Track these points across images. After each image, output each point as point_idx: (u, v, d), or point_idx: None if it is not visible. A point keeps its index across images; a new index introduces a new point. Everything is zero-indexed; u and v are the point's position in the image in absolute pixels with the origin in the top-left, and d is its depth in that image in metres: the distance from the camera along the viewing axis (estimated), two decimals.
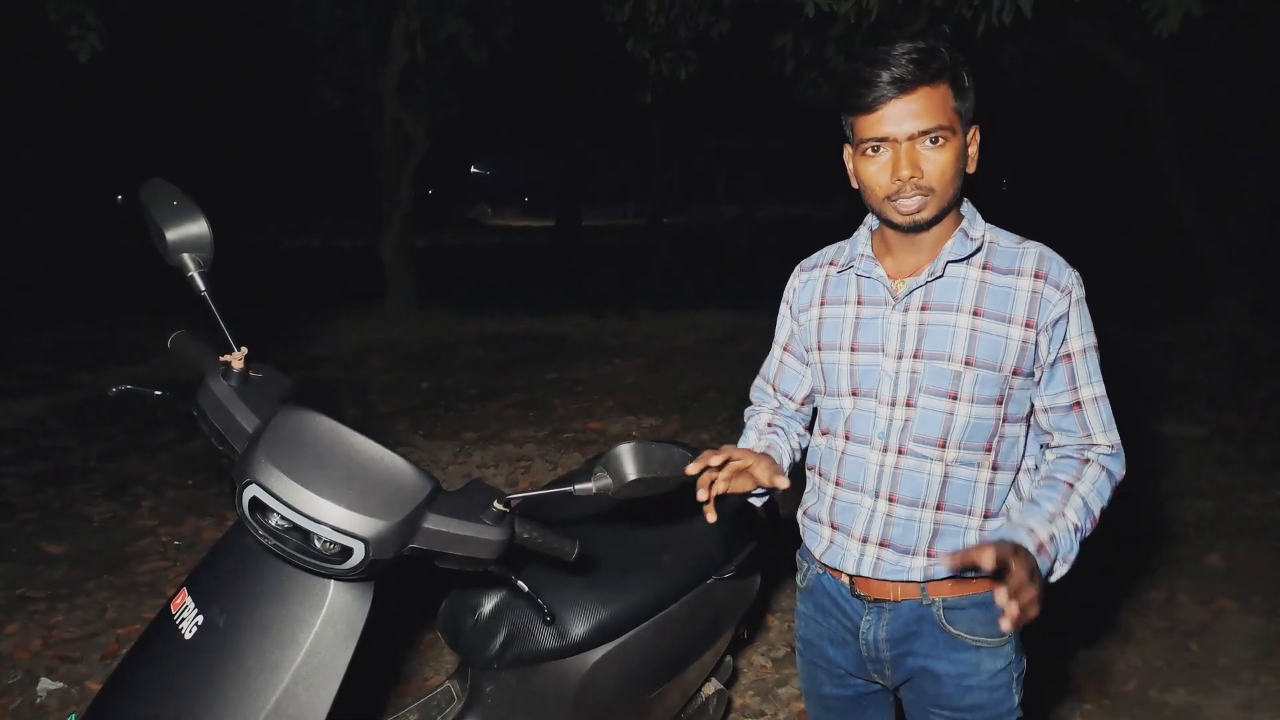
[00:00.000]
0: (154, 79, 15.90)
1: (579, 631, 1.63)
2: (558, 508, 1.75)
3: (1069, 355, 1.32)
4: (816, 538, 1.47)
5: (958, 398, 1.32)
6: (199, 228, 1.29)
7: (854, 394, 1.40)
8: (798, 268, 1.54)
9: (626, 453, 1.16)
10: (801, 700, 1.97)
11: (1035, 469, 1.41)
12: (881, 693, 1.52)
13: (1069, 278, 1.31)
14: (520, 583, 1.34)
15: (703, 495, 1.28)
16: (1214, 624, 3.01)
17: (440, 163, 24.88)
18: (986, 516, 1.36)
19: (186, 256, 1.29)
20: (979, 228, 1.35)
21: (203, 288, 1.30)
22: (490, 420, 5.64)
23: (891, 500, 1.36)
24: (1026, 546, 1.17)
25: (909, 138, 1.24)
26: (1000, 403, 1.32)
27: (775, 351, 1.59)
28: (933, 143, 1.25)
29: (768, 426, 1.57)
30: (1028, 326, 1.30)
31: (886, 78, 1.22)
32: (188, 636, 1.20)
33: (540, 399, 6.17)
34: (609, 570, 1.71)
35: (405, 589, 2.30)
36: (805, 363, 1.53)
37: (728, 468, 1.31)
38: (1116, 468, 1.34)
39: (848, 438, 1.41)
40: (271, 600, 1.19)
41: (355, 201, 20.74)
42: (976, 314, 1.31)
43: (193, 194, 1.32)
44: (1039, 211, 16.05)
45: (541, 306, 10.50)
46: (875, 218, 1.39)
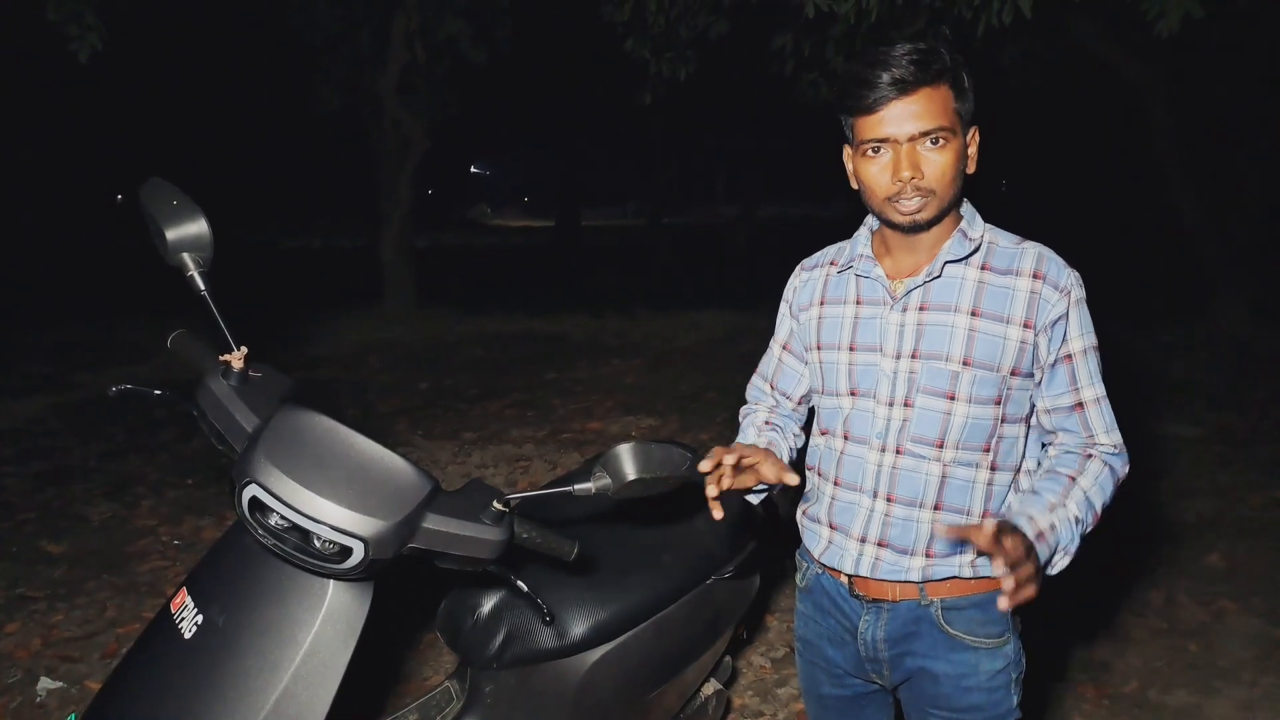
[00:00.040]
0: (154, 79, 15.90)
1: (578, 631, 1.64)
2: (557, 508, 1.75)
3: (1070, 356, 1.32)
4: (815, 538, 1.47)
5: (955, 398, 1.32)
6: (198, 227, 1.30)
7: (852, 394, 1.40)
8: (799, 267, 1.55)
9: (626, 453, 1.16)
10: (801, 700, 1.97)
11: (1035, 470, 1.40)
12: (880, 693, 1.52)
13: (1068, 278, 1.31)
14: (519, 583, 1.34)
15: (713, 490, 1.27)
16: (1213, 624, 3.01)
17: (440, 163, 24.89)
18: (985, 517, 1.36)
19: (186, 256, 1.29)
20: (978, 228, 1.35)
21: (202, 287, 1.30)
22: (489, 420, 5.64)
23: (889, 500, 1.37)
24: (1025, 531, 1.17)
25: (909, 139, 1.24)
26: (998, 403, 1.32)
27: (774, 350, 1.59)
28: (933, 144, 1.25)
29: (765, 424, 1.57)
30: (1026, 327, 1.30)
31: (887, 79, 1.22)
32: (187, 636, 1.20)
33: (540, 399, 6.17)
34: (608, 570, 1.71)
35: (405, 589, 2.30)
36: (804, 362, 1.53)
37: (741, 464, 1.30)
38: (1119, 465, 1.34)
39: (846, 437, 1.41)
40: (271, 600, 1.19)
41: (355, 201, 20.71)
42: (974, 314, 1.31)
43: (193, 194, 1.33)
44: (1039, 212, 16.06)
45: (541, 306, 10.50)
46: (875, 218, 1.39)
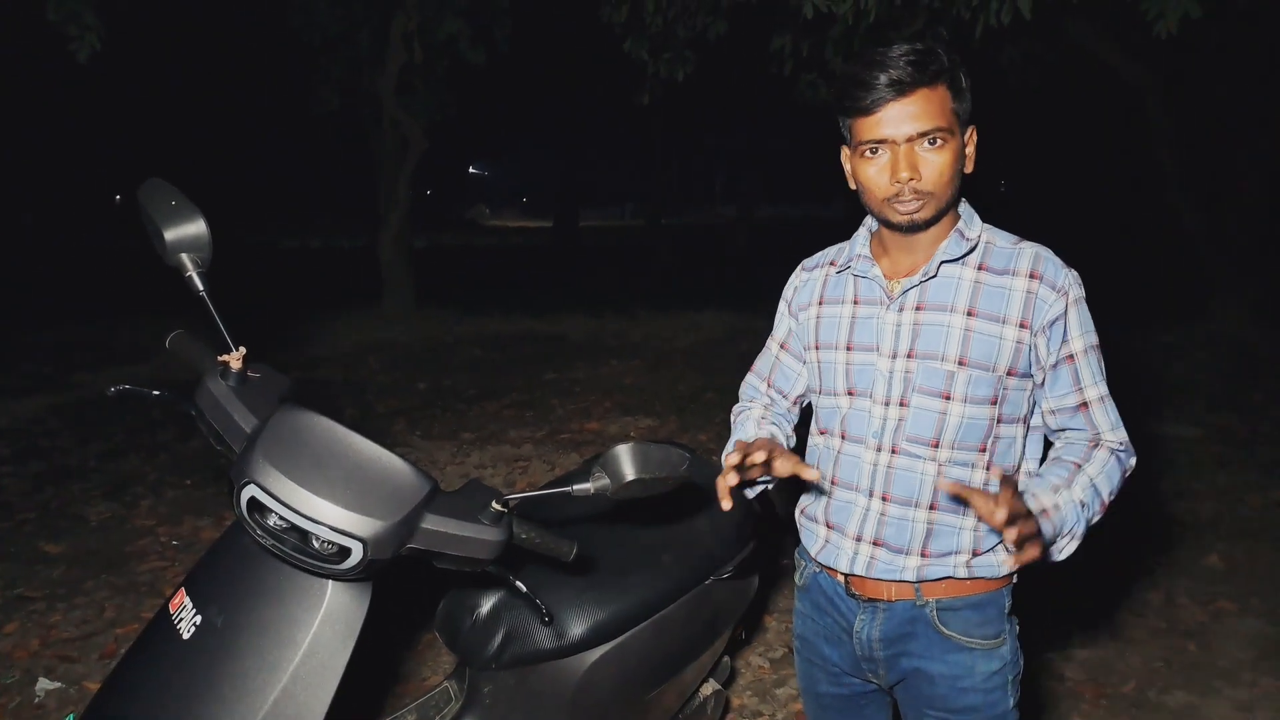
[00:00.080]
0: (154, 79, 15.91)
1: (577, 632, 1.64)
2: (556, 508, 1.76)
3: (1071, 356, 1.31)
4: (813, 536, 1.47)
5: (951, 398, 1.32)
6: (197, 227, 1.30)
7: (850, 393, 1.40)
8: (799, 267, 1.55)
9: (624, 453, 1.16)
10: (799, 700, 1.97)
11: (1037, 470, 1.40)
12: (878, 692, 1.52)
13: (1066, 278, 1.31)
14: (518, 583, 1.33)
15: (734, 480, 1.23)
16: (1212, 625, 3.01)
17: (438, 163, 24.90)
18: (981, 517, 1.35)
19: (185, 256, 1.29)
20: (976, 228, 1.35)
21: (201, 288, 1.30)
22: (488, 420, 5.63)
23: (885, 499, 1.37)
24: (1028, 505, 1.16)
25: (907, 139, 1.24)
26: (994, 403, 1.32)
27: (771, 348, 1.59)
28: (931, 144, 1.25)
29: (762, 420, 1.56)
30: (1022, 327, 1.30)
31: (884, 80, 1.22)
32: (186, 636, 1.20)
33: (538, 399, 6.17)
34: (607, 571, 1.71)
35: (403, 589, 2.30)
36: (802, 361, 1.53)
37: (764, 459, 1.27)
38: (1126, 458, 1.34)
39: (843, 437, 1.41)
40: (270, 600, 1.19)
41: (354, 202, 20.74)
42: (970, 314, 1.31)
43: (192, 194, 1.33)
44: (1038, 212, 16.08)
45: (540, 307, 10.50)
46: (873, 219, 1.39)
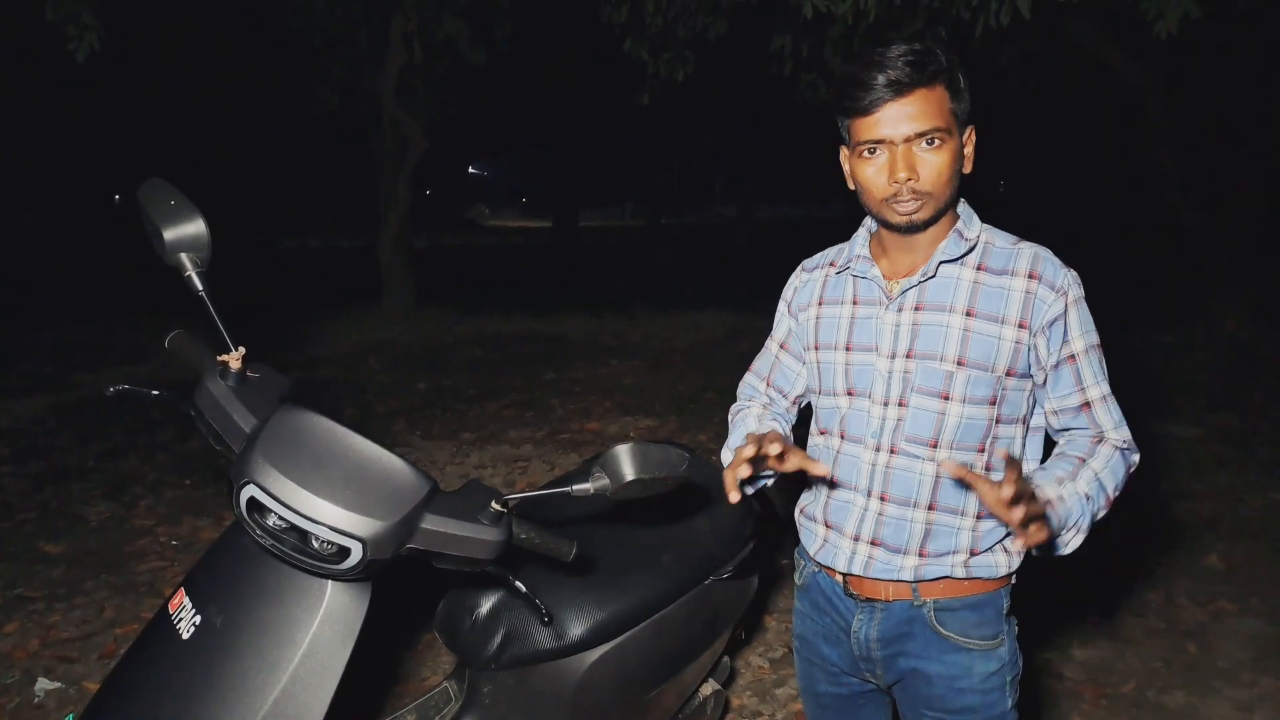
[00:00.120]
0: (154, 79, 15.91)
1: (576, 632, 1.64)
2: (555, 508, 1.75)
3: (1073, 356, 1.31)
4: (811, 536, 1.48)
5: (949, 398, 1.32)
6: (196, 227, 1.29)
7: (849, 393, 1.40)
8: (800, 267, 1.55)
9: (624, 453, 1.16)
10: (799, 700, 1.97)
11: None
12: (877, 692, 1.52)
13: (1065, 278, 1.31)
14: (518, 583, 1.33)
15: (746, 472, 1.22)
16: (1212, 625, 3.01)
17: (438, 163, 24.91)
18: (979, 517, 1.35)
19: (184, 256, 1.29)
20: (975, 228, 1.35)
21: (200, 288, 1.30)
22: (488, 421, 5.63)
23: (883, 499, 1.37)
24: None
25: (905, 140, 1.25)
26: (993, 403, 1.32)
27: (771, 348, 1.58)
28: (929, 144, 1.25)
29: (762, 418, 1.54)
30: (1021, 327, 1.30)
31: (882, 80, 1.22)
32: (185, 636, 1.20)
33: (538, 399, 6.17)
34: (607, 571, 1.71)
35: (403, 589, 2.30)
36: (802, 361, 1.53)
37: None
38: (1130, 454, 1.34)
39: (843, 437, 1.41)
40: (269, 600, 1.19)
41: (354, 202, 20.75)
42: (969, 314, 1.31)
43: (192, 194, 1.33)
44: (1038, 212, 16.08)
45: (540, 307, 10.50)
46: (872, 219, 1.39)
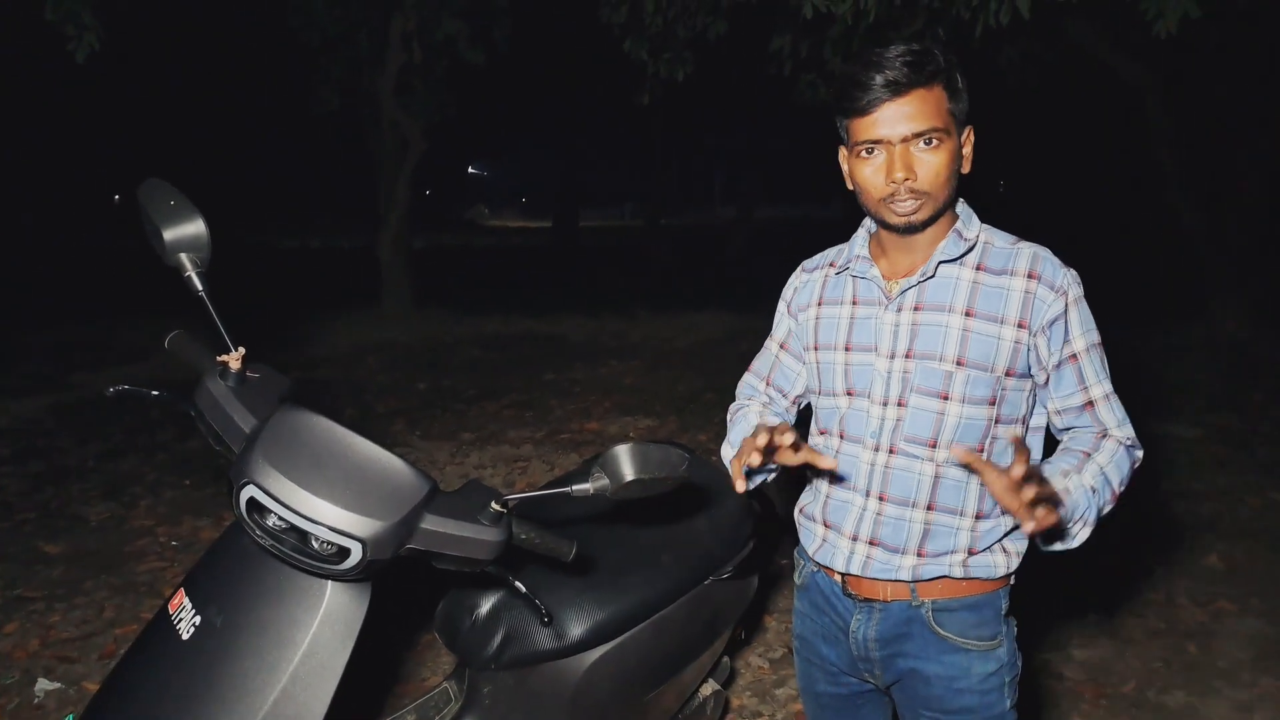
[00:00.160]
0: (154, 79, 15.90)
1: (576, 632, 1.64)
2: (555, 508, 1.75)
3: (1074, 356, 1.31)
4: (810, 535, 1.48)
5: (949, 398, 1.32)
6: (196, 228, 1.30)
7: (849, 394, 1.40)
8: (800, 268, 1.55)
9: (624, 453, 1.16)
10: (799, 701, 1.97)
11: None
12: (876, 692, 1.52)
13: (1064, 278, 1.31)
14: (518, 583, 1.33)
15: (756, 460, 1.23)
16: (1212, 625, 3.02)
17: (438, 163, 24.87)
18: (978, 518, 1.36)
19: (184, 256, 1.29)
20: (974, 228, 1.35)
21: (200, 288, 1.30)
22: (487, 421, 5.63)
23: (882, 499, 1.37)
24: None
25: (903, 140, 1.25)
26: (993, 403, 1.32)
27: (771, 348, 1.58)
28: (926, 144, 1.25)
29: (762, 415, 1.54)
30: (1020, 327, 1.30)
31: (880, 80, 1.23)
32: (185, 637, 1.20)
33: (538, 400, 6.17)
34: (606, 571, 1.71)
35: (403, 589, 2.30)
36: (802, 361, 1.53)
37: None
38: (1134, 450, 1.33)
39: (842, 437, 1.41)
40: (269, 601, 1.19)
41: (354, 202, 20.74)
42: (968, 314, 1.31)
43: (192, 194, 1.33)
44: (1037, 212, 16.07)
45: (539, 307, 10.50)
46: (871, 219, 1.39)
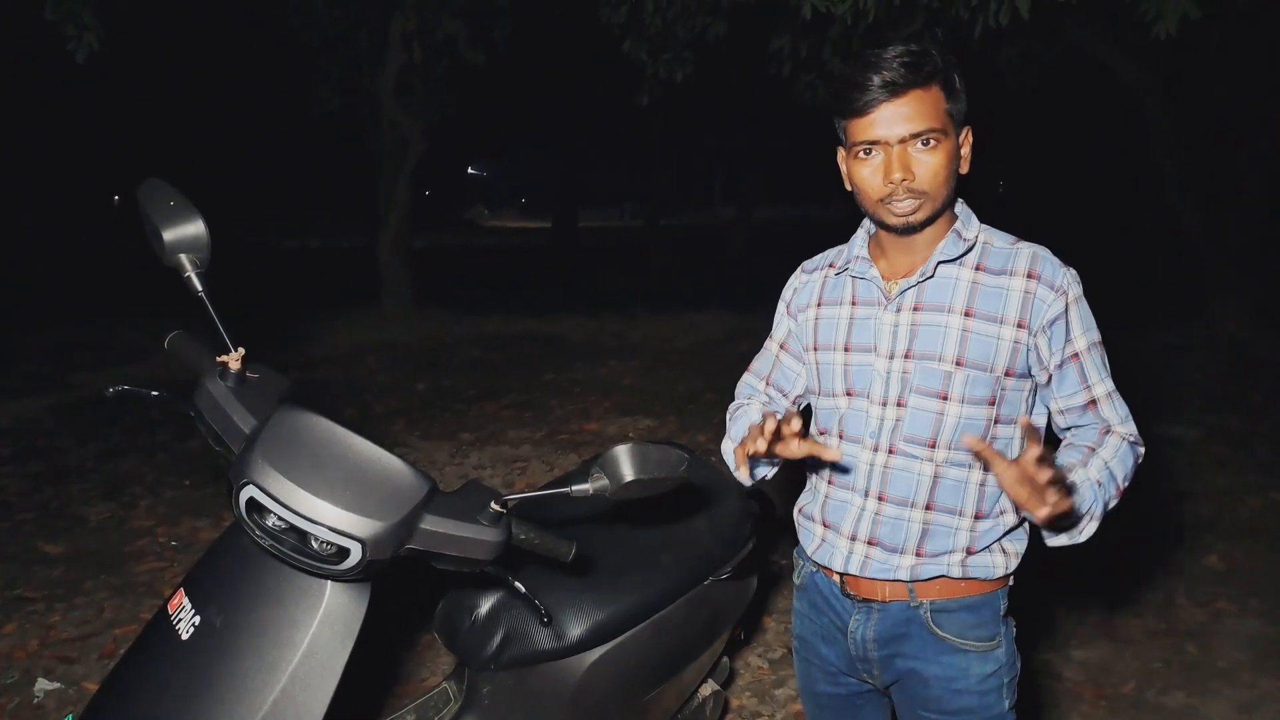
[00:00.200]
0: (154, 79, 15.90)
1: (576, 632, 1.64)
2: (555, 509, 1.75)
3: (1076, 355, 1.31)
4: (809, 535, 1.48)
5: (948, 398, 1.32)
6: (196, 228, 1.29)
7: (848, 394, 1.40)
8: (800, 268, 1.55)
9: (623, 454, 1.15)
10: (798, 701, 1.97)
11: None
12: (875, 692, 1.52)
13: (1064, 277, 1.31)
14: (517, 584, 1.33)
15: (762, 447, 1.23)
16: (1212, 626, 3.02)
17: (438, 163, 24.89)
18: (977, 518, 1.36)
19: (183, 257, 1.29)
20: (973, 229, 1.36)
21: (200, 288, 1.30)
22: (487, 421, 5.63)
23: (881, 499, 1.37)
24: None
25: (900, 140, 1.25)
26: (992, 404, 1.32)
27: (770, 348, 1.59)
28: (924, 145, 1.25)
29: (762, 411, 1.54)
30: (1020, 327, 1.30)
31: (878, 81, 1.23)
32: (185, 637, 1.20)
33: (537, 400, 6.17)
34: (606, 571, 1.71)
35: (402, 590, 2.30)
36: (801, 361, 1.53)
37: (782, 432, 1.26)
38: (1137, 446, 1.34)
39: (841, 437, 1.41)
40: (268, 601, 1.19)
41: (354, 202, 20.73)
42: (968, 314, 1.31)
43: (192, 194, 1.32)
44: (1037, 213, 16.07)
45: (539, 307, 10.50)
46: (870, 220, 1.40)
